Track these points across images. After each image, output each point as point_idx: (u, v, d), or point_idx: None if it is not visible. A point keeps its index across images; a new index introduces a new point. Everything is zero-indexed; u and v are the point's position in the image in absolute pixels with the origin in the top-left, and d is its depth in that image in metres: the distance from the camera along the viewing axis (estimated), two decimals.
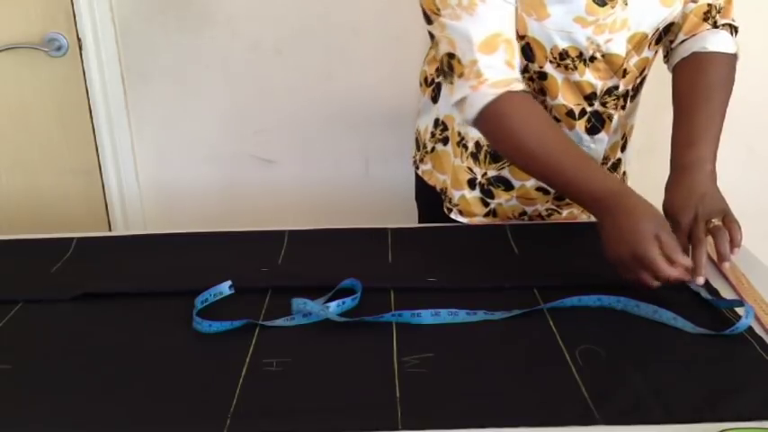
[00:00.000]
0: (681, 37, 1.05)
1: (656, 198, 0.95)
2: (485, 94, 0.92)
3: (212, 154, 1.77)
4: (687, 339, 0.80)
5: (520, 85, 0.94)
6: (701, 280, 0.85)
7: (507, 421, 0.67)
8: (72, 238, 1.08)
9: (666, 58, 1.09)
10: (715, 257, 0.90)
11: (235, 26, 1.64)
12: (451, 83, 0.96)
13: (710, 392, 0.70)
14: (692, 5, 1.04)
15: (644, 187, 0.96)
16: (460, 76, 0.94)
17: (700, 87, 1.01)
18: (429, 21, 0.97)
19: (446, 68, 0.96)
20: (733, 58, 1.03)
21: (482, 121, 0.95)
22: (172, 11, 1.63)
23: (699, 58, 1.02)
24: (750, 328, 0.81)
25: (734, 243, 0.90)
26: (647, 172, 1.35)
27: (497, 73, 0.93)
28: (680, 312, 0.82)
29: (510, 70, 0.94)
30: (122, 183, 1.77)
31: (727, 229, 0.91)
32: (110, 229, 1.80)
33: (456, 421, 0.66)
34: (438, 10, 0.94)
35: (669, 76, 1.12)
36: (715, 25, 1.04)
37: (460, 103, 0.95)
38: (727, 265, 0.90)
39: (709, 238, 0.90)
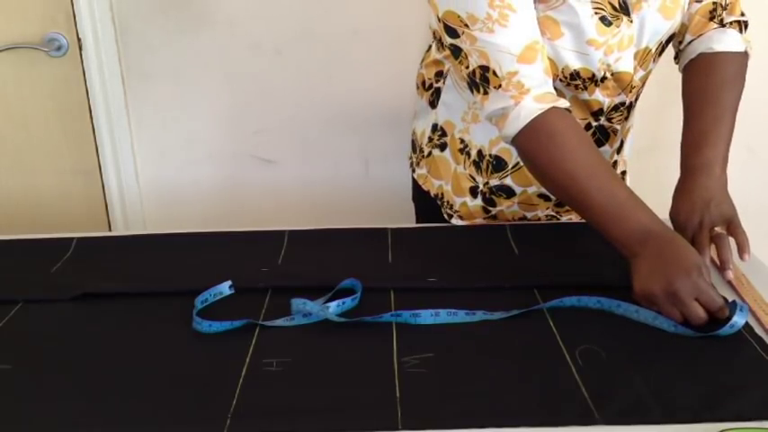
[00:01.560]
0: (688, 38, 1.04)
1: (655, 197, 0.95)
2: (530, 109, 0.89)
3: (212, 154, 1.77)
4: (687, 339, 0.80)
5: (565, 103, 0.92)
6: (730, 274, 0.87)
7: (507, 421, 0.67)
8: (72, 238, 1.08)
9: (677, 59, 1.08)
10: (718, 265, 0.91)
11: (235, 26, 1.64)
12: (486, 93, 0.93)
13: (710, 392, 0.70)
14: (696, 5, 1.03)
15: (644, 187, 0.96)
16: (498, 87, 0.91)
17: (706, 89, 1.00)
18: (454, 34, 0.93)
19: (479, 80, 0.93)
20: (742, 56, 1.02)
21: (525, 137, 0.91)
22: (172, 11, 1.63)
23: (705, 60, 1.02)
24: (750, 328, 0.81)
25: (742, 249, 0.90)
26: (647, 172, 1.35)
27: (539, 84, 0.90)
28: None
29: (549, 80, 0.92)
30: (122, 183, 1.77)
31: (732, 236, 0.91)
32: (110, 229, 1.80)
33: (456, 421, 0.66)
34: (466, 25, 0.90)
35: (669, 75, 1.12)
36: (722, 23, 1.03)
37: (499, 116, 0.92)
38: (730, 274, 0.89)
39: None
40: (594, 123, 1.04)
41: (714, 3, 1.03)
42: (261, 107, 1.72)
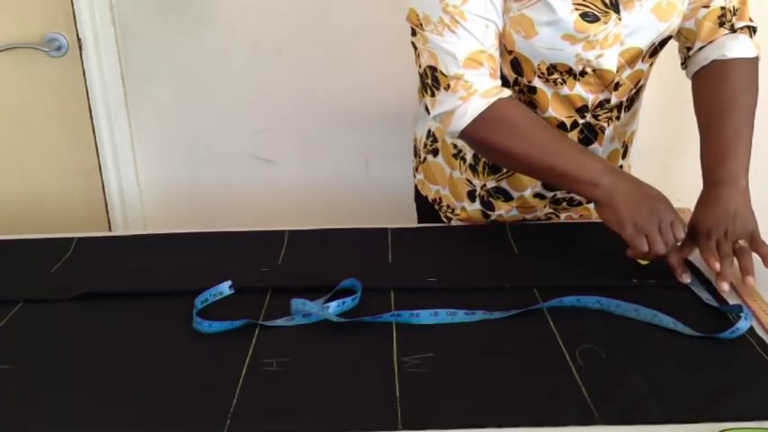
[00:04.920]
0: (698, 44, 1.03)
1: None
2: (477, 104, 0.93)
3: (212, 154, 1.77)
4: (687, 339, 0.80)
5: (508, 92, 0.95)
6: (725, 286, 0.88)
7: (507, 421, 0.67)
8: (72, 238, 1.08)
9: (684, 65, 1.07)
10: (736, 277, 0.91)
11: (235, 26, 1.64)
12: (433, 95, 0.96)
13: (710, 392, 0.70)
14: (704, 11, 1.02)
15: None
16: (447, 88, 0.94)
17: (723, 98, 0.99)
18: (413, 33, 0.97)
19: (429, 81, 0.96)
20: (754, 61, 1.02)
21: (474, 128, 0.94)
22: (172, 11, 1.63)
23: (719, 67, 1.01)
24: (751, 329, 0.81)
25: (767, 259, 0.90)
26: (647, 172, 1.35)
27: (485, 83, 0.93)
28: (679, 315, 0.82)
29: (496, 82, 0.95)
30: (122, 183, 1.77)
31: (754, 251, 0.91)
32: (110, 229, 1.80)
33: (456, 421, 0.66)
34: (421, 24, 0.94)
35: (670, 76, 1.11)
36: (732, 29, 1.02)
37: (447, 115, 0.95)
38: (751, 280, 0.89)
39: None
40: (581, 121, 1.03)
41: (722, 8, 1.01)
42: (261, 107, 1.72)
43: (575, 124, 1.03)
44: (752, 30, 1.03)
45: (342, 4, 1.62)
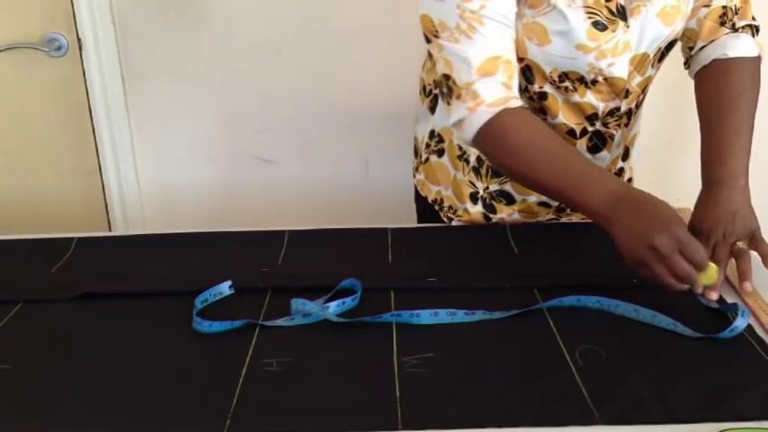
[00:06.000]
0: (699, 44, 1.03)
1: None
2: (482, 114, 0.91)
3: (212, 154, 1.77)
4: (687, 339, 0.80)
5: (517, 102, 0.93)
6: (714, 296, 0.87)
7: (507, 421, 0.67)
8: (72, 238, 1.08)
9: (687, 64, 1.07)
10: (736, 277, 0.90)
11: (235, 26, 1.64)
12: (449, 103, 0.95)
13: (710, 392, 0.70)
14: (705, 10, 1.02)
15: (643, 187, 0.95)
16: (458, 97, 0.92)
17: (723, 98, 0.99)
18: (428, 40, 0.96)
19: (444, 89, 0.95)
20: (756, 60, 1.01)
21: (480, 140, 0.93)
22: (172, 11, 1.63)
23: (720, 66, 1.00)
24: (751, 329, 0.81)
25: (767, 258, 0.89)
26: (646, 172, 1.35)
27: (494, 93, 0.91)
28: (679, 314, 0.82)
29: (507, 90, 0.92)
30: (122, 183, 1.77)
31: (754, 250, 0.91)
32: (110, 229, 1.80)
33: (456, 421, 0.66)
34: (437, 32, 0.92)
35: (670, 76, 1.11)
36: (734, 28, 1.02)
37: (458, 124, 0.94)
38: (748, 285, 0.88)
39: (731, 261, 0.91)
40: (590, 128, 1.03)
41: (724, 7, 1.01)
42: (261, 107, 1.72)
43: (584, 132, 1.03)
44: (754, 29, 1.03)
45: (342, 4, 1.62)
